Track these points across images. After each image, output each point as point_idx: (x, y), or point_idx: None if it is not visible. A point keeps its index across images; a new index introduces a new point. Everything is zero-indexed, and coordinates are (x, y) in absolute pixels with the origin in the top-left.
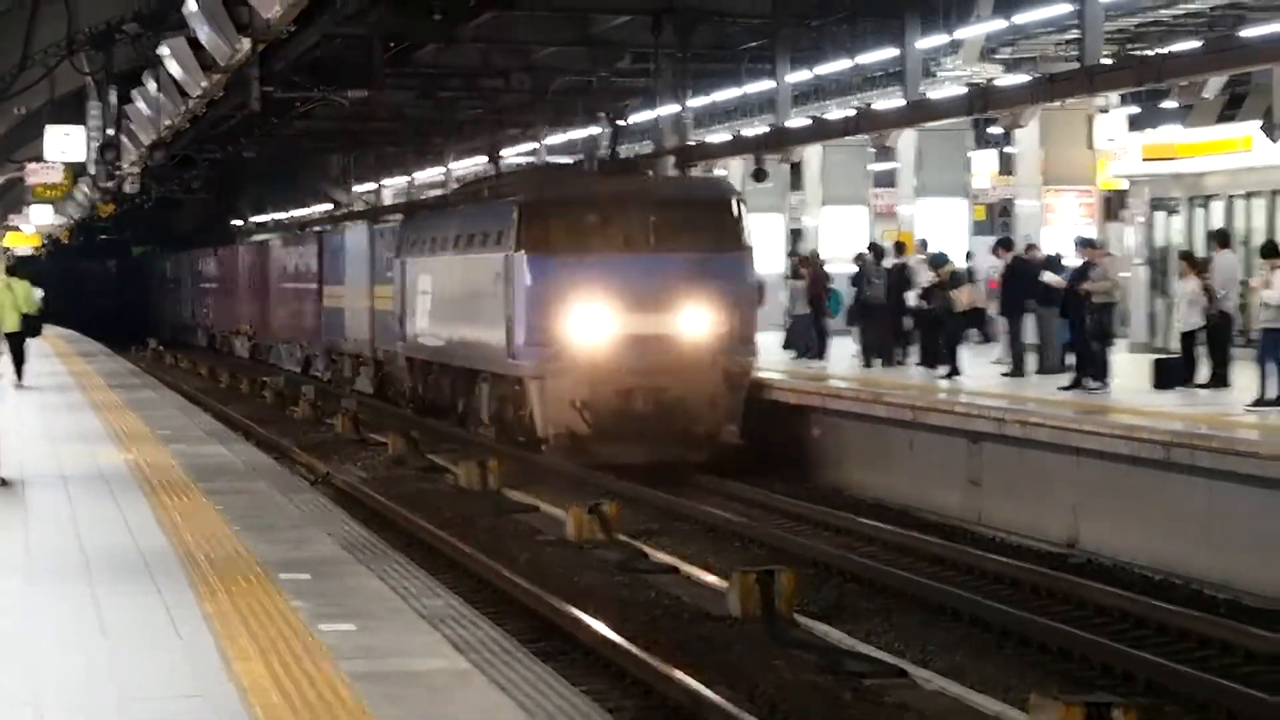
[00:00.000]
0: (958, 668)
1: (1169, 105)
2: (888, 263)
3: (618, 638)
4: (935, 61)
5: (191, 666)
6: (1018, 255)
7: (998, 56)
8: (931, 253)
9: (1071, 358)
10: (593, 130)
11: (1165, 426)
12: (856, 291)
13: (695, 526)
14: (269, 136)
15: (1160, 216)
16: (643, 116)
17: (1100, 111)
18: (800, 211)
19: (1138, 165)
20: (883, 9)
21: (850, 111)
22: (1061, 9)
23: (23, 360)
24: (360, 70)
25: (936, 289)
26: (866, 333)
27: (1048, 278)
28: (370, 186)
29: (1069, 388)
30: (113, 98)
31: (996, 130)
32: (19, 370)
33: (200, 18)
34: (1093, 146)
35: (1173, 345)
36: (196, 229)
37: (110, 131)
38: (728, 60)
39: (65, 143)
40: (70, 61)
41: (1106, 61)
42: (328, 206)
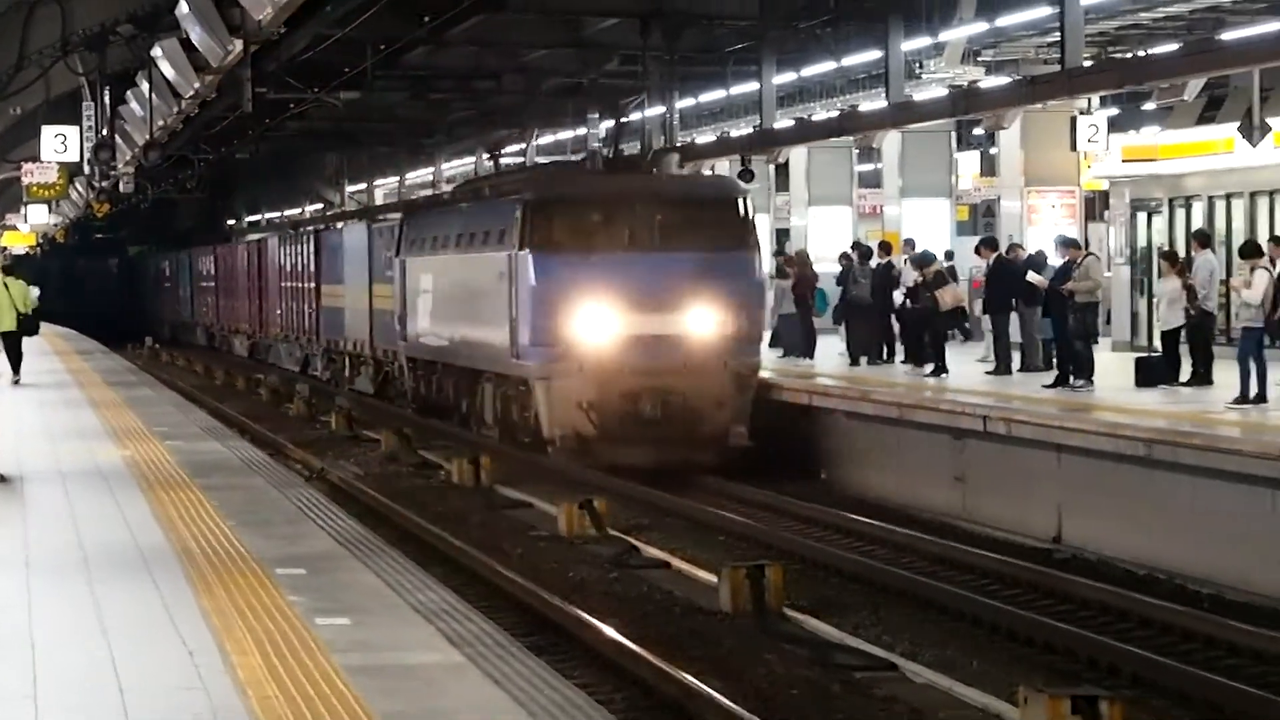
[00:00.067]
0: (946, 661)
1: (1149, 107)
2: (873, 262)
3: (610, 632)
4: (919, 64)
5: (189, 660)
6: (1001, 255)
7: (980, 59)
8: (917, 252)
9: (1055, 356)
10: (581, 131)
11: (1147, 424)
12: (842, 291)
13: (685, 522)
14: (262, 137)
15: (1141, 217)
16: (631, 117)
17: (1081, 113)
18: (786, 212)
19: (1119, 166)
20: (867, 12)
21: (835, 113)
22: (1042, 12)
23: (19, 359)
24: (352, 72)
25: (921, 288)
26: (853, 332)
27: (1031, 277)
28: (362, 186)
29: (1053, 386)
30: (107, 98)
31: (979, 132)
32: (15, 368)
33: (193, 19)
34: (1074, 148)
35: (1155, 344)
36: (191, 228)
37: (105, 132)
38: (714, 62)
39: (60, 143)
40: (65, 62)
41: (1087, 64)
42: (321, 206)
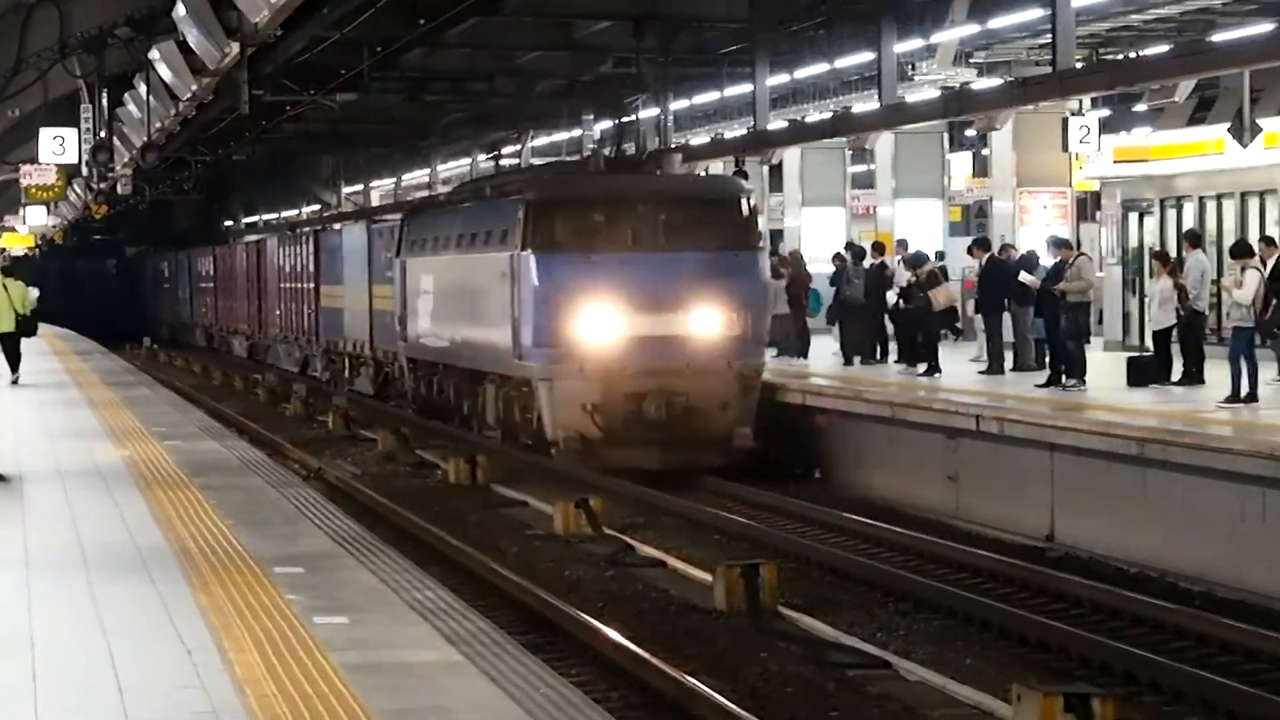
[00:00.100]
0: (939, 659)
1: (1141, 109)
2: (866, 263)
3: (606, 630)
4: (911, 65)
5: (187, 659)
6: (993, 256)
7: (972, 61)
8: (910, 253)
9: (1048, 355)
10: (576, 132)
11: (1139, 423)
12: (836, 291)
13: (681, 521)
14: (259, 139)
15: (1133, 217)
16: (627, 119)
17: (1073, 114)
18: (780, 213)
19: (1110, 167)
20: (859, 14)
21: (828, 114)
22: (1034, 14)
23: (18, 359)
24: (348, 74)
25: (914, 288)
26: (846, 331)
27: (1023, 277)
28: (359, 188)
29: (1045, 385)
30: (105, 101)
31: (972, 133)
32: (14, 369)
33: (190, 22)
34: (1066, 149)
35: (1146, 343)
36: (188, 230)
37: (103, 134)
38: (708, 64)
39: (59, 145)
40: (63, 65)
41: (1079, 66)
42: (318, 207)
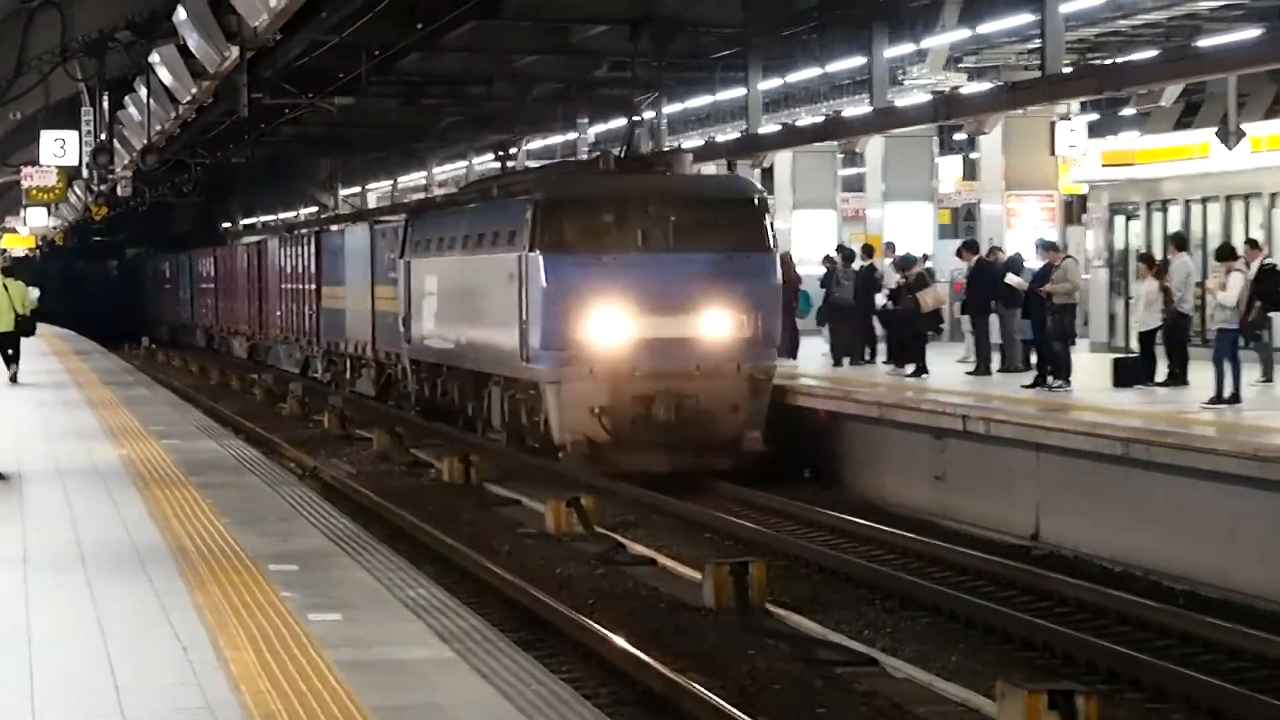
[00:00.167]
0: (926, 656)
1: (1128, 113)
2: (855, 265)
3: (597, 627)
4: (902, 70)
5: (183, 656)
6: (982, 258)
7: (962, 65)
8: (899, 255)
9: (1034, 357)
10: (570, 136)
11: (1124, 424)
12: (826, 293)
13: (671, 519)
14: (258, 142)
15: (1119, 220)
16: (619, 123)
17: (1061, 118)
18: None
19: (1097, 171)
20: (851, 19)
21: (820, 118)
22: (1023, 19)
23: (17, 358)
24: (346, 77)
25: (903, 290)
26: (836, 333)
27: (1011, 279)
28: (356, 190)
29: (1032, 386)
30: (105, 104)
31: (961, 136)
32: (14, 367)
33: (190, 26)
34: (1054, 152)
35: (1132, 345)
36: (188, 232)
37: (103, 136)
38: (702, 68)
39: (59, 147)
40: (64, 68)
41: (1067, 70)
42: (315, 209)
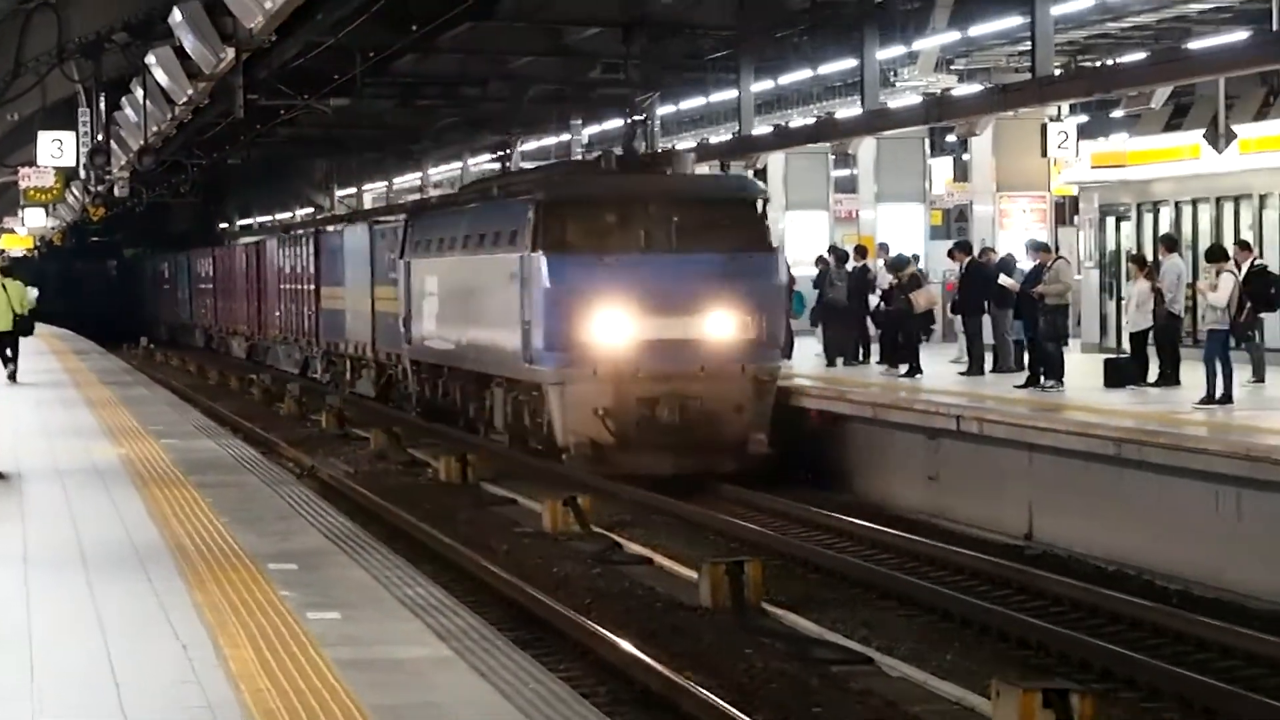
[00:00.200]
0: (921, 655)
1: (1118, 115)
2: (849, 266)
3: (594, 626)
4: (893, 72)
5: (183, 654)
6: (974, 259)
7: (953, 68)
8: (891, 256)
9: (1027, 357)
10: (564, 137)
11: (1116, 424)
12: (819, 294)
13: (667, 519)
14: (254, 143)
15: (1110, 222)
16: (613, 124)
17: (1052, 120)
18: None
19: (1088, 172)
20: (843, 22)
21: (812, 120)
22: (1014, 22)
23: (16, 358)
24: (342, 79)
25: (896, 291)
26: (829, 333)
27: (1003, 280)
28: (351, 191)
29: (1024, 386)
30: (102, 105)
31: (952, 138)
32: (12, 366)
33: (186, 28)
34: (1045, 154)
35: (1124, 345)
36: (184, 232)
37: (100, 137)
38: (695, 70)
39: (57, 148)
40: (61, 70)
41: (1057, 72)
42: (311, 210)
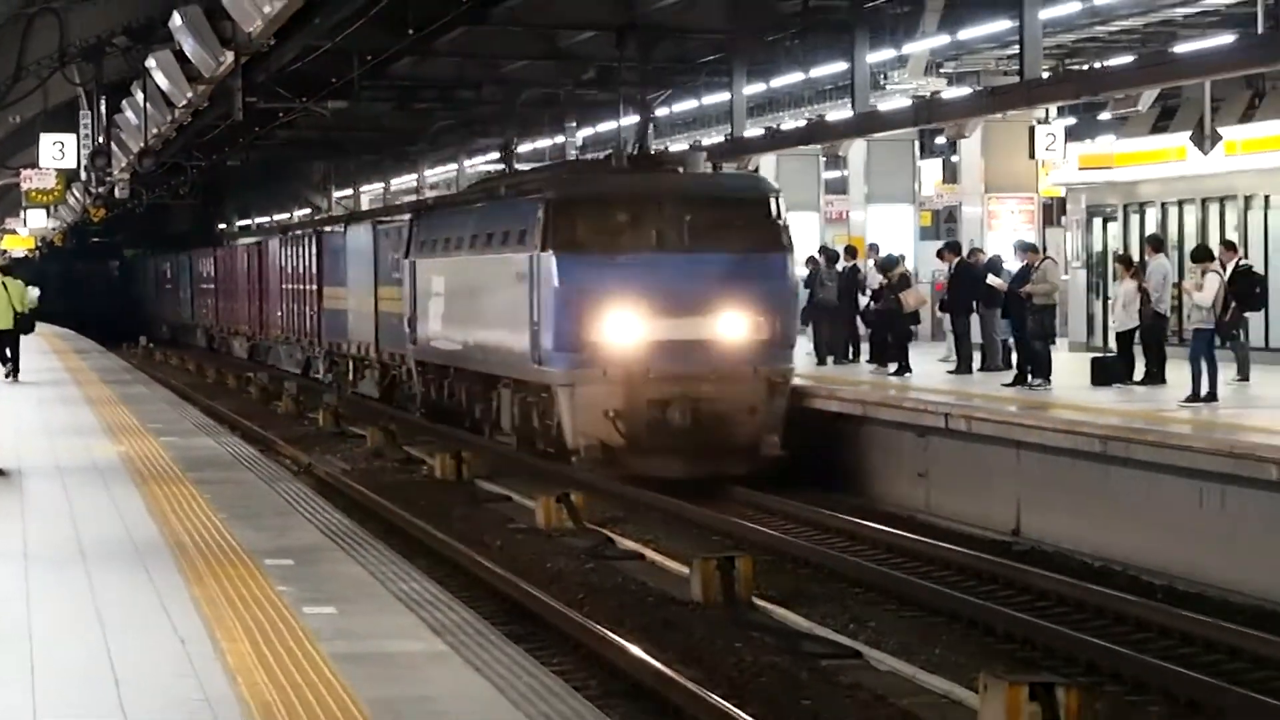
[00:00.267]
0: (909, 649)
1: (1105, 117)
2: (839, 266)
3: (586, 620)
4: (883, 75)
5: (182, 649)
6: (963, 259)
7: (942, 71)
8: (881, 256)
9: (1014, 356)
10: (559, 139)
11: (1103, 422)
12: (810, 293)
13: (659, 515)
14: (252, 145)
15: (1097, 222)
16: (607, 126)
17: (1040, 122)
18: None
19: (1075, 174)
20: (833, 25)
21: (803, 122)
22: (1002, 25)
23: (17, 356)
24: (339, 82)
25: (886, 290)
26: (820, 333)
27: (991, 280)
28: (349, 192)
29: (1012, 385)
30: (103, 107)
31: (942, 140)
32: (14, 366)
33: (185, 31)
34: (1033, 156)
35: (1110, 345)
36: (184, 233)
37: (101, 140)
38: (687, 73)
39: (58, 150)
40: (62, 73)
41: (1045, 75)
42: (309, 211)
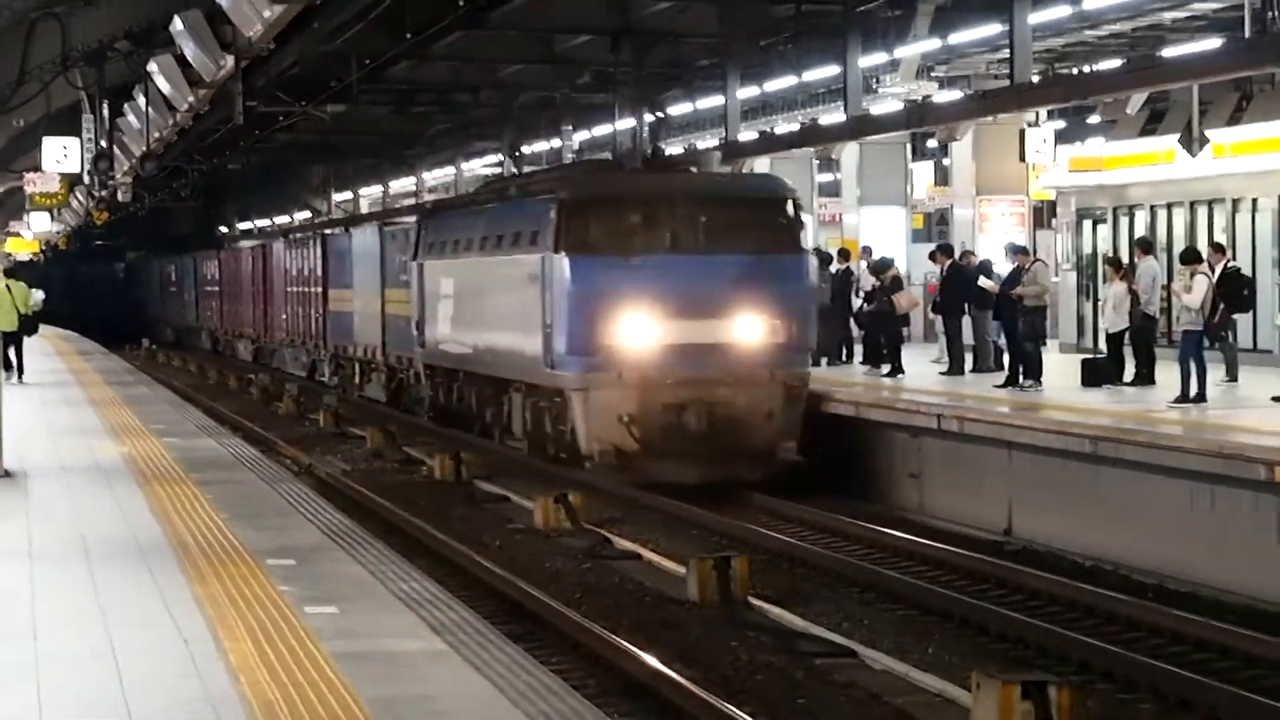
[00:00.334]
0: (903, 648)
1: (1094, 120)
2: (833, 268)
3: (583, 619)
4: (876, 79)
5: (184, 648)
6: (954, 261)
7: (934, 74)
8: (874, 259)
9: (1006, 357)
10: (555, 143)
11: (1093, 422)
12: None
13: (656, 515)
14: (253, 148)
15: (1087, 225)
16: (603, 130)
17: (1030, 126)
18: None
19: (1065, 177)
20: (826, 30)
21: (797, 126)
22: (993, 30)
23: (21, 357)
24: (338, 86)
25: (879, 292)
26: None
27: (982, 282)
28: (348, 195)
29: (1003, 386)
30: (105, 111)
31: (933, 143)
32: (19, 367)
33: (187, 36)
34: (1023, 159)
35: (1100, 346)
36: (186, 235)
37: (104, 143)
38: (682, 77)
39: (61, 154)
40: (65, 77)
41: (1036, 79)
42: (309, 214)
